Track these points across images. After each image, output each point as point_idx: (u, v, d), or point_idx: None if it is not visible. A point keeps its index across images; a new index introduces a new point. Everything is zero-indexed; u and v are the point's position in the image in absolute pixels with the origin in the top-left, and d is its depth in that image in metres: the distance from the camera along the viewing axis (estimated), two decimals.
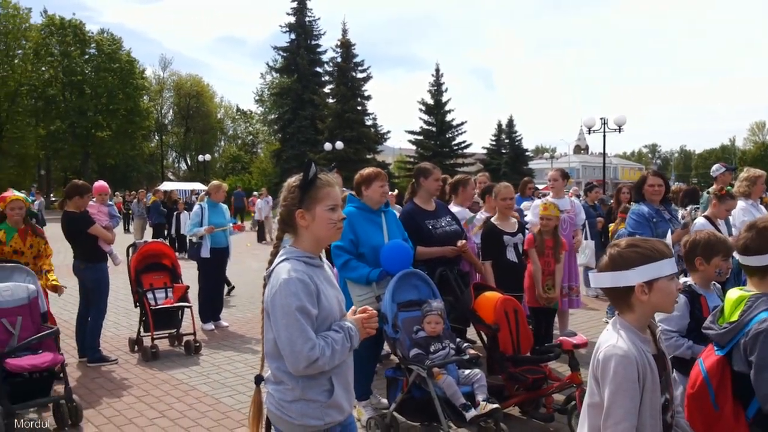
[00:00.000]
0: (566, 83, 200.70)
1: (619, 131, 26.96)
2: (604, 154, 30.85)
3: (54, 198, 45.35)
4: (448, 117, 47.12)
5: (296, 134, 45.25)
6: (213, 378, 6.14)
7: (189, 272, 8.58)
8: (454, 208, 6.35)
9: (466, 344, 4.61)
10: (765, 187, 6.54)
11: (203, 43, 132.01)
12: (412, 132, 47.40)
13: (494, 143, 53.14)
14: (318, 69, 48.33)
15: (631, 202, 9.38)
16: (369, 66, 45.06)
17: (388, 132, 45.73)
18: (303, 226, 2.44)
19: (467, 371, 4.43)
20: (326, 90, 46.61)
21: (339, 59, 44.73)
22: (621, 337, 2.13)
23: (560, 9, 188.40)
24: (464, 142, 47.65)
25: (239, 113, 70.24)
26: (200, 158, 47.02)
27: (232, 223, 8.85)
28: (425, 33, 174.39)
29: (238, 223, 15.62)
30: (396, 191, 10.05)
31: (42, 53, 50.42)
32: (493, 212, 6.25)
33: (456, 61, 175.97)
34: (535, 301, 6.05)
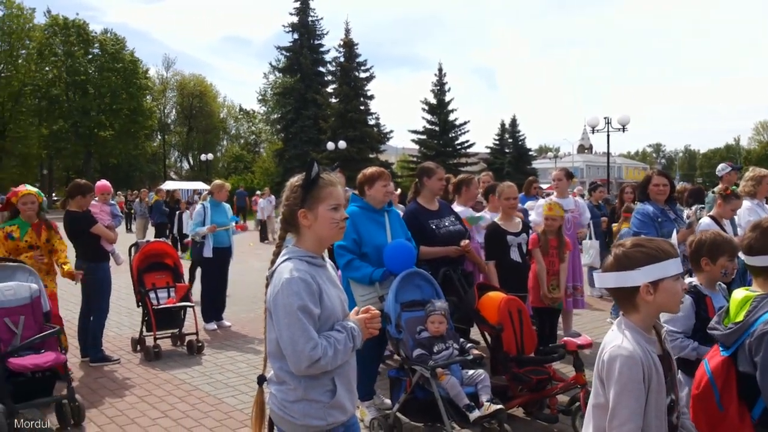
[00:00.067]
0: (570, 83, 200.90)
1: (623, 131, 26.95)
2: (608, 154, 30.82)
3: (56, 197, 45.41)
4: (452, 116, 46.96)
5: (299, 134, 45.19)
6: (215, 378, 6.14)
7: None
8: (458, 208, 6.33)
9: (470, 344, 4.60)
10: None
11: (206, 43, 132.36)
12: (415, 131, 47.29)
13: (497, 143, 53.01)
14: (321, 69, 48.23)
15: (635, 202, 9.39)
16: (372, 66, 44.97)
17: (391, 131, 45.72)
18: (305, 226, 2.43)
19: (471, 372, 4.41)
20: (329, 90, 46.50)
21: (342, 59, 44.63)
22: (626, 338, 2.12)
23: (564, 9, 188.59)
24: (467, 142, 47.51)
25: (242, 113, 70.24)
26: (203, 158, 47.03)
27: (234, 221, 8.84)
28: (429, 33, 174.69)
29: (241, 223, 15.62)
30: (399, 190, 10.03)
31: (45, 53, 50.56)
32: (497, 212, 6.24)
33: (459, 61, 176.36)
34: (539, 302, 6.03)
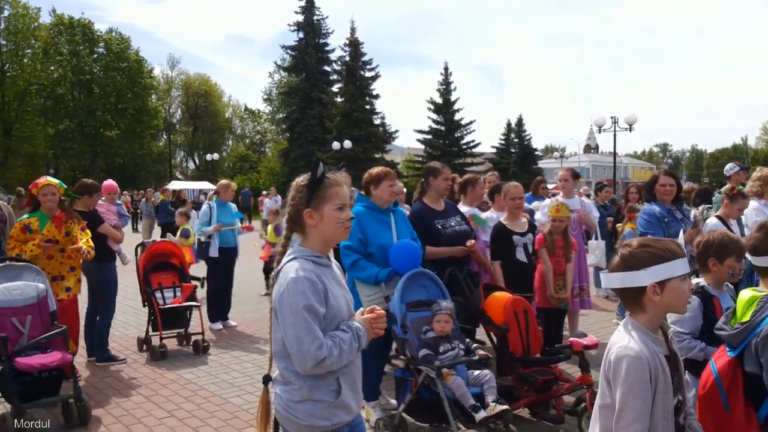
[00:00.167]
0: (576, 82, 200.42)
1: (630, 130, 26.80)
2: (615, 154, 30.72)
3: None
4: (457, 116, 46.90)
5: (304, 133, 45.23)
6: (221, 378, 6.15)
7: (197, 272, 8.59)
8: (463, 208, 6.32)
9: (476, 345, 4.59)
10: None
11: (211, 42, 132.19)
12: (421, 131, 47.26)
13: (503, 142, 52.92)
14: (326, 68, 48.25)
15: (640, 202, 9.37)
16: (377, 65, 44.92)
17: (397, 131, 45.70)
18: (311, 226, 2.43)
19: (476, 372, 4.40)
20: (334, 89, 46.49)
21: (347, 58, 44.60)
22: (632, 338, 2.11)
23: (570, 7, 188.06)
24: (473, 142, 47.42)
25: (247, 112, 70.32)
26: (208, 157, 47.18)
27: (238, 218, 8.84)
28: (433, 31, 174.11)
29: (246, 223, 15.61)
30: (404, 190, 9.98)
31: (51, 52, 50.67)
32: (503, 211, 6.23)
33: (465, 60, 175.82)
34: (545, 302, 6.01)
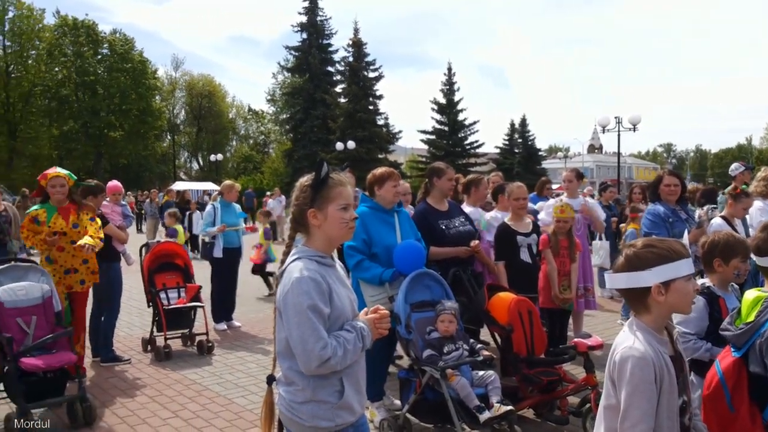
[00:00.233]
0: (580, 82, 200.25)
1: (634, 130, 26.76)
2: (619, 154, 30.65)
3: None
4: (461, 116, 46.82)
5: (308, 134, 45.24)
6: (226, 378, 6.15)
7: (201, 272, 8.61)
8: (467, 208, 6.32)
9: (480, 345, 4.59)
10: None
11: (215, 43, 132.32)
12: (424, 131, 47.22)
13: (507, 143, 52.78)
14: (330, 68, 48.25)
15: (643, 202, 9.35)
16: (380, 65, 44.92)
17: (400, 131, 45.71)
18: (315, 226, 2.43)
19: (481, 373, 4.40)
20: (338, 89, 46.48)
21: (351, 59, 44.57)
22: (637, 339, 2.11)
23: (570, 7, 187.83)
24: (477, 142, 47.34)
25: (251, 113, 70.40)
26: (212, 158, 47.16)
27: (242, 218, 8.85)
28: (435, 31, 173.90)
29: (250, 224, 15.62)
30: (410, 191, 9.94)
31: (55, 53, 50.81)
32: (506, 211, 6.22)
33: (468, 60, 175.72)
34: (550, 302, 6.00)
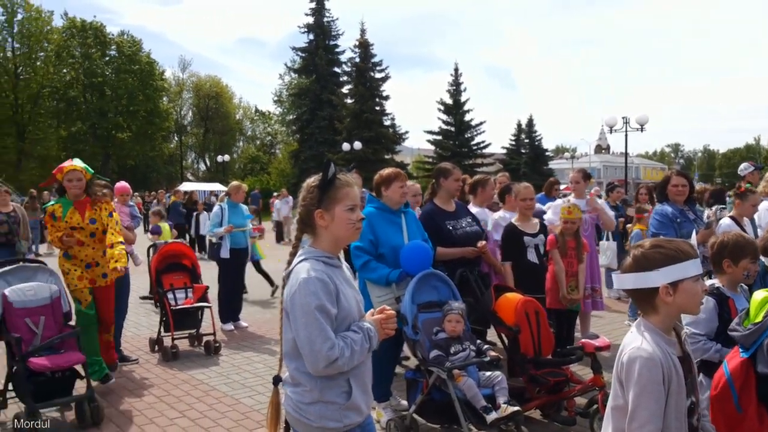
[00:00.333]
0: (587, 83, 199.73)
1: (642, 130, 26.69)
2: (626, 154, 30.54)
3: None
4: (467, 117, 46.79)
5: (314, 135, 45.30)
6: (233, 378, 6.16)
7: (208, 273, 8.62)
8: (474, 209, 6.30)
9: (487, 346, 4.58)
10: None
11: (222, 45, 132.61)
12: (431, 132, 47.20)
13: (514, 143, 52.71)
14: (336, 69, 48.33)
15: (649, 203, 9.32)
16: (387, 66, 44.90)
17: (407, 132, 45.54)
18: (322, 227, 2.43)
19: (488, 373, 4.39)
20: (344, 90, 46.54)
21: (357, 59, 44.62)
22: (645, 339, 2.10)
23: (576, 8, 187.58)
24: (483, 142, 47.28)
25: (258, 114, 70.53)
26: (219, 159, 47.32)
27: (249, 219, 8.86)
28: (442, 32, 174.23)
29: (257, 225, 15.61)
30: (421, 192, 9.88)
31: (63, 55, 51.09)
32: (514, 211, 6.20)
33: (474, 61, 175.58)
34: (557, 303, 5.97)
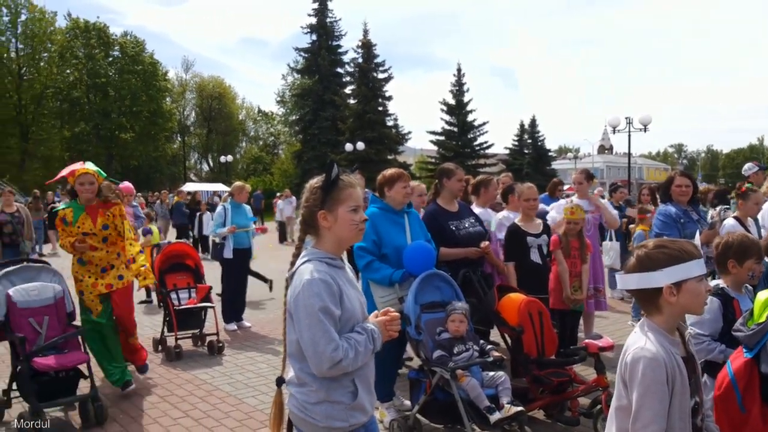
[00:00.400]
0: (590, 83, 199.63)
1: (645, 131, 26.64)
2: (629, 154, 30.48)
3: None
4: (470, 117, 46.70)
5: (317, 135, 45.27)
6: (236, 378, 6.17)
7: (212, 273, 8.63)
8: (476, 209, 6.30)
9: (490, 346, 4.58)
10: None
11: (225, 45, 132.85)
12: (434, 132, 47.14)
13: (516, 143, 52.58)
14: (339, 70, 48.26)
15: (651, 203, 9.31)
16: (390, 66, 44.91)
17: (409, 132, 45.60)
18: (325, 227, 2.43)
19: (491, 373, 4.39)
20: (347, 91, 46.49)
21: (360, 60, 44.58)
22: (649, 340, 2.10)
23: (583, 7, 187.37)
24: (486, 143, 47.19)
25: (261, 114, 70.48)
26: (222, 159, 47.33)
27: (252, 221, 8.87)
28: (444, 32, 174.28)
29: (260, 225, 15.63)
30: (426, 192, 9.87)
31: (67, 56, 51.10)
32: (517, 211, 6.20)
33: (477, 61, 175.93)
34: (560, 303, 5.96)
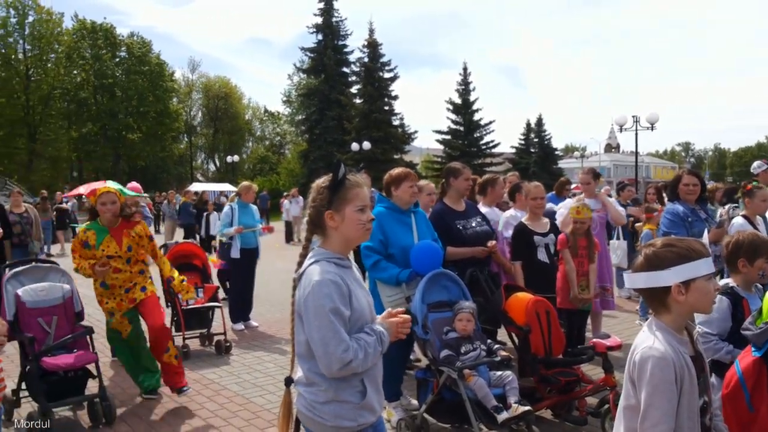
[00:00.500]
0: (597, 81, 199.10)
1: (652, 129, 26.55)
2: (636, 153, 30.38)
3: (86, 199, 45.96)
4: (476, 116, 46.58)
5: (323, 135, 45.25)
6: (243, 378, 6.18)
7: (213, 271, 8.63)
8: (483, 209, 6.30)
9: (497, 346, 4.57)
10: None
11: (231, 45, 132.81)
12: (440, 132, 47.05)
13: (523, 142, 52.42)
14: (345, 69, 48.20)
15: (657, 202, 9.27)
16: (396, 66, 44.78)
17: (416, 132, 45.41)
18: (332, 227, 2.44)
19: (498, 373, 4.39)
20: (353, 90, 46.44)
21: (366, 59, 44.49)
22: (657, 339, 2.09)
23: (590, 6, 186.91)
24: (492, 142, 47.06)
25: (267, 114, 70.53)
26: (228, 159, 47.43)
27: (260, 224, 8.89)
28: (450, 31, 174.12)
29: (266, 225, 15.64)
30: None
31: (74, 57, 51.28)
32: (524, 210, 6.19)
33: (483, 60, 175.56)
34: (568, 303, 5.94)
